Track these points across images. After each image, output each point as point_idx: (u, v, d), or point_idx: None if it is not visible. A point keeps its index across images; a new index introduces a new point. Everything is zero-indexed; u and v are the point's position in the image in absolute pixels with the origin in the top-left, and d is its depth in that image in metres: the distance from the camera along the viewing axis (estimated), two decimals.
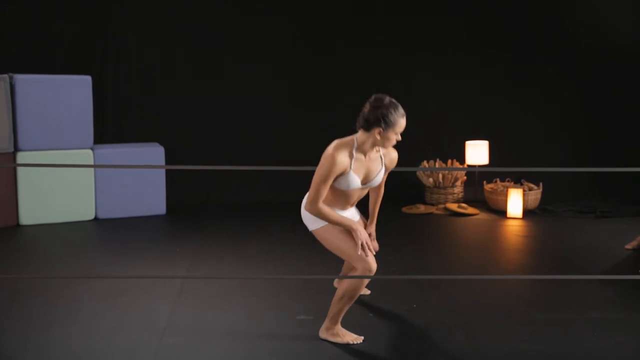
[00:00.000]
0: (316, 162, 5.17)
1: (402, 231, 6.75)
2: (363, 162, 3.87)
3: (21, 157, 6.75)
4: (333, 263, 4.83)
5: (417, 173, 7.91)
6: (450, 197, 7.75)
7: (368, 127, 3.77)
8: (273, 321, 4.32)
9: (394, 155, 4.03)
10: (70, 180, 6.91)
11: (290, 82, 8.22)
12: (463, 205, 7.52)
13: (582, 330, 4.17)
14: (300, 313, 4.42)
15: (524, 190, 7.36)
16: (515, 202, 7.26)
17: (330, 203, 3.92)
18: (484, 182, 7.85)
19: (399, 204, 7.70)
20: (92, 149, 7.06)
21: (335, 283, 4.76)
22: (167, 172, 7.42)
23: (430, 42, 8.32)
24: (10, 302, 4.62)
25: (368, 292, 4.76)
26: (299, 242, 6.17)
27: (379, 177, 3.97)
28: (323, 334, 4.04)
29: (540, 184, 7.64)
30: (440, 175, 7.74)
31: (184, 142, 7.94)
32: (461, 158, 8.03)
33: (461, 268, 5.56)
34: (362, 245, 3.82)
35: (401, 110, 3.81)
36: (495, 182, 7.85)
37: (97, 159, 7.03)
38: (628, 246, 5.97)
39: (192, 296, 4.74)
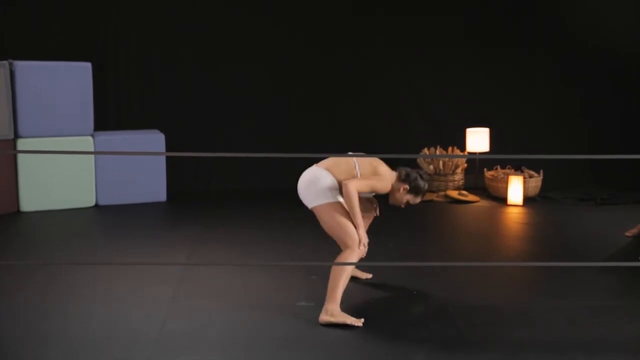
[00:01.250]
0: (316, 149, 5.23)
1: (402, 218, 6.73)
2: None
3: (21, 143, 6.74)
4: (333, 250, 4.83)
5: (418, 160, 7.90)
6: (450, 184, 7.75)
7: (403, 179, 4.37)
8: (273, 308, 4.32)
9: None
10: (70, 167, 6.91)
11: (291, 72, 8.18)
12: (463, 192, 7.52)
13: (583, 317, 4.18)
14: (301, 300, 4.43)
15: (524, 178, 7.35)
16: (515, 189, 7.25)
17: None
18: (485, 169, 7.84)
19: None
20: (92, 135, 7.05)
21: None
22: (168, 159, 7.41)
23: (431, 36, 8.29)
24: (11, 288, 4.63)
25: (370, 275, 4.75)
26: (299, 229, 6.17)
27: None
28: (323, 317, 4.07)
29: (541, 171, 7.63)
30: (441, 163, 7.73)
31: (184, 129, 7.92)
32: (462, 145, 8.03)
33: (461, 255, 5.57)
34: (360, 240, 4.17)
35: (426, 192, 4.46)
36: (496, 169, 7.84)
37: (97, 145, 7.01)
38: (628, 233, 5.98)
39: (193, 283, 4.74)
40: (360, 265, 4.76)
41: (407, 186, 4.36)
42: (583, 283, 4.76)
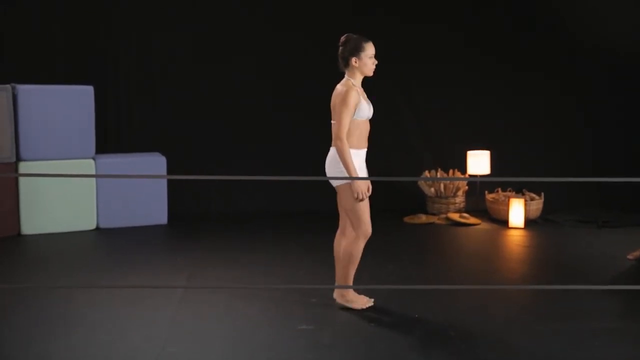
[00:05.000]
0: (318, 172, 5.24)
1: (404, 241, 6.75)
2: (364, 95, 4.54)
3: (23, 166, 6.75)
4: (332, 272, 4.83)
5: (419, 183, 7.91)
6: (451, 206, 7.75)
7: (346, 63, 4.52)
8: (274, 331, 4.31)
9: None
10: (72, 190, 6.91)
11: (292, 93, 8.22)
12: (465, 215, 7.51)
13: (585, 340, 4.15)
14: (301, 323, 4.41)
15: (525, 200, 7.35)
16: (516, 212, 7.25)
17: (353, 139, 4.45)
18: (486, 191, 7.84)
19: (400, 213, 7.69)
20: (94, 158, 7.07)
21: (335, 294, 4.75)
22: (169, 181, 7.42)
23: (430, 51, 8.32)
24: (12, 311, 4.62)
25: (371, 302, 4.72)
26: (299, 251, 6.17)
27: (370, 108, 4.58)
28: (340, 300, 4.62)
29: (542, 193, 7.63)
30: (442, 185, 7.74)
31: (185, 152, 7.94)
32: (463, 168, 8.03)
33: (463, 278, 5.55)
34: (359, 196, 4.40)
35: (365, 38, 4.53)
36: (497, 191, 7.84)
37: (98, 168, 7.03)
38: (630, 256, 5.96)
39: (193, 306, 4.73)
40: (361, 288, 4.77)
41: (354, 58, 4.48)
42: (585, 306, 4.74)
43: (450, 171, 8.02)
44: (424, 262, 6.00)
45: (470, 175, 7.95)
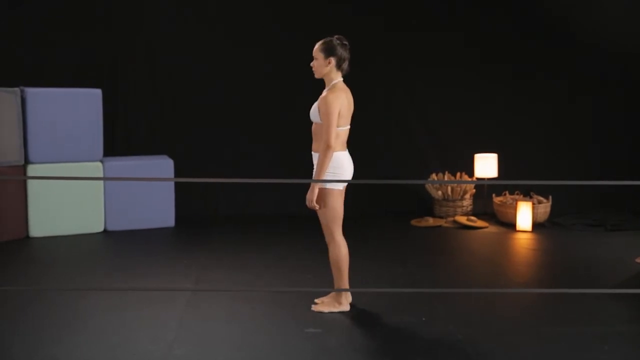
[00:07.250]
0: None
1: (411, 244, 6.74)
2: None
3: (31, 169, 6.78)
4: None
5: (426, 186, 7.90)
6: (459, 209, 7.74)
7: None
8: (281, 334, 4.31)
9: (323, 95, 4.78)
10: (79, 193, 6.94)
11: (300, 94, 8.21)
12: (472, 218, 7.50)
13: (593, 344, 4.15)
14: (309, 326, 4.41)
15: (533, 203, 7.33)
16: (524, 215, 7.23)
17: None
18: (493, 195, 7.83)
19: (407, 216, 7.69)
20: (101, 161, 7.09)
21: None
22: (176, 184, 7.43)
23: (438, 54, 8.32)
24: (20, 314, 4.64)
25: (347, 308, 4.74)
26: (307, 254, 6.16)
27: (312, 111, 4.83)
28: (333, 309, 4.65)
29: (550, 197, 7.61)
30: (449, 188, 7.73)
31: (193, 154, 7.96)
32: (470, 171, 8.02)
33: (470, 281, 5.54)
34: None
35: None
36: (505, 195, 7.83)
37: (106, 171, 7.05)
38: (638, 259, 5.94)
39: (200, 308, 4.74)
40: (369, 291, 4.76)
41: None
42: (592, 309, 4.73)
43: (458, 174, 8.01)
44: (431, 265, 5.99)
45: (477, 178, 7.95)
